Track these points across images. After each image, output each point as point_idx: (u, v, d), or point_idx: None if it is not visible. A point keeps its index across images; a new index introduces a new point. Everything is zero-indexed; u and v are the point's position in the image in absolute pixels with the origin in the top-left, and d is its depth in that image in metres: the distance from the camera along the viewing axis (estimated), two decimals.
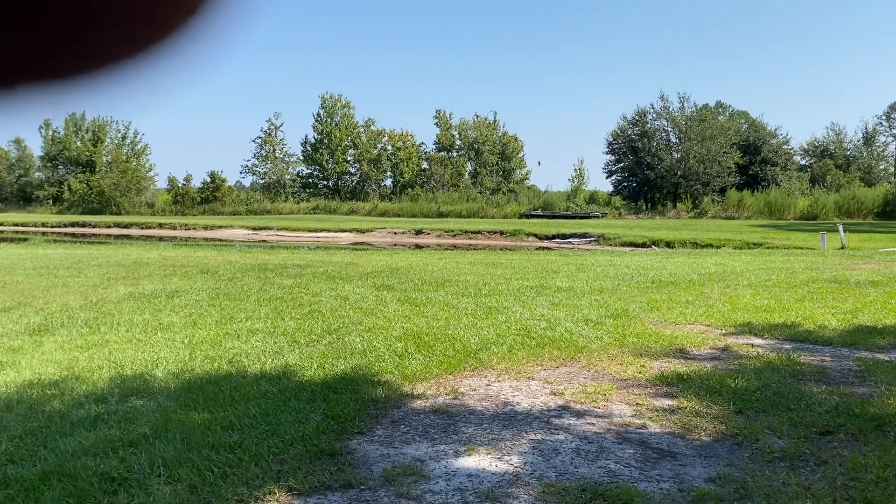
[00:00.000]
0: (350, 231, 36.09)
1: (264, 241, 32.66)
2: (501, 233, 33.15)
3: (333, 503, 3.19)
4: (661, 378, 5.36)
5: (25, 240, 30.60)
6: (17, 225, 42.40)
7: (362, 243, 30.87)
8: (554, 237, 31.56)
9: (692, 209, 48.91)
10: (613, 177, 55.69)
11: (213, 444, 3.79)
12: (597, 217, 46.82)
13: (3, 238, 32.35)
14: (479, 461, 3.74)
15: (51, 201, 55.18)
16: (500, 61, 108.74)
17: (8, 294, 9.67)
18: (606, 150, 55.74)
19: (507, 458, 3.79)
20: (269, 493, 3.24)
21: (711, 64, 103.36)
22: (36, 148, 59.28)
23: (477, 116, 60.81)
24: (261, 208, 53.06)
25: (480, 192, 54.55)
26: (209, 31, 0.61)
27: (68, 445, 3.80)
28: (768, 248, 23.34)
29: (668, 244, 26.53)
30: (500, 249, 24.64)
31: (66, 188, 53.97)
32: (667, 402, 4.80)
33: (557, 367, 5.74)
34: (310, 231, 36.37)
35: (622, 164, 54.36)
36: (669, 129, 53.77)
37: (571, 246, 28.32)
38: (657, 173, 51.33)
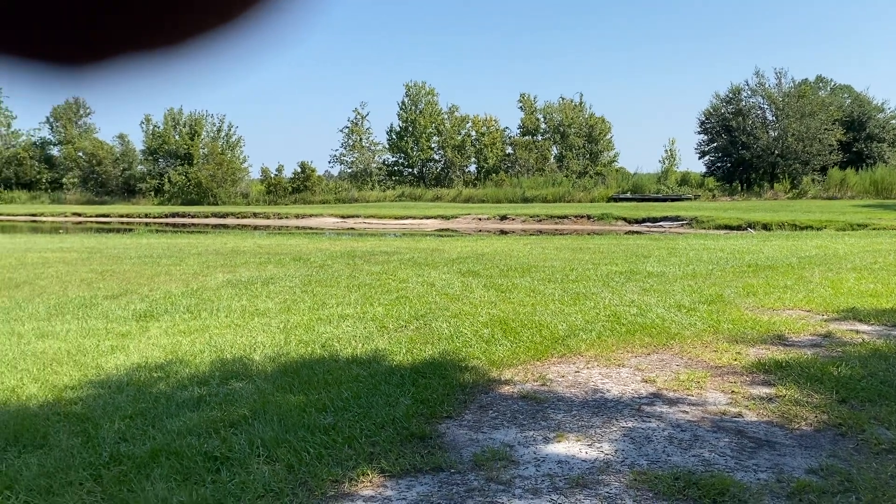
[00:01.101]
0: (435, 218, 36.36)
1: (352, 228, 33.36)
2: (588, 217, 32.65)
3: (424, 486, 3.25)
4: (758, 365, 5.18)
5: (130, 230, 32.34)
6: (122, 216, 44.81)
7: (447, 230, 31.06)
8: (644, 221, 30.82)
9: (791, 190, 46.72)
10: (706, 157, 53.82)
11: (309, 426, 3.92)
12: (689, 199, 45.40)
13: (111, 228, 34.30)
14: (568, 448, 3.72)
15: (152, 193, 57.97)
16: (586, 41, 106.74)
17: (116, 282, 10.25)
18: (698, 129, 53.89)
19: (597, 445, 3.75)
20: (363, 475, 3.32)
21: (810, 36, 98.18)
22: (138, 142, 62.38)
23: (562, 99, 59.90)
24: (348, 197, 54.14)
25: (566, 176, 53.80)
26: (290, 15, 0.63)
27: (174, 425, 4.01)
28: (874, 229, 22.08)
29: (765, 226, 25.48)
30: (588, 234, 24.29)
31: (166, 180, 56.58)
32: (764, 391, 4.64)
33: (649, 354, 5.63)
34: (395, 218, 36.85)
35: (715, 144, 52.42)
36: (766, 106, 51.42)
37: (662, 229, 27.61)
38: (753, 153, 49.24)
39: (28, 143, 64.86)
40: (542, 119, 59.94)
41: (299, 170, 55.75)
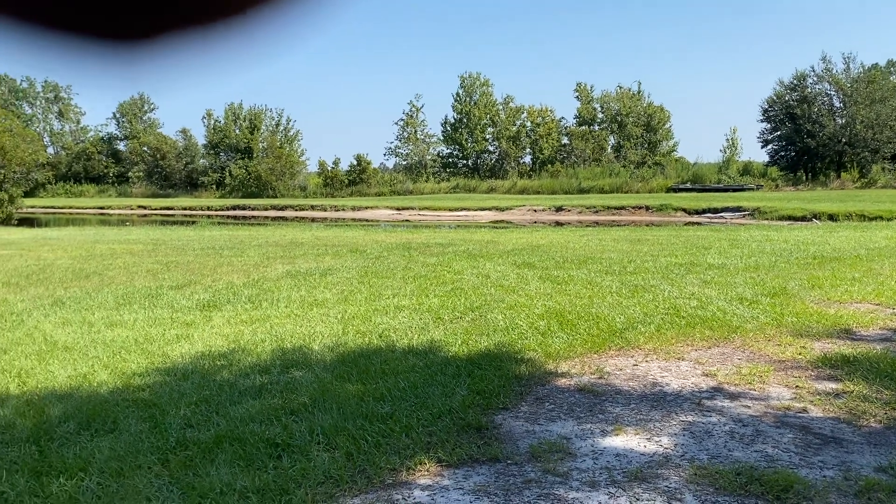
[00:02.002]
0: (489, 209, 36.29)
1: (407, 220, 33.56)
2: (647, 208, 32.09)
3: (481, 476, 3.26)
4: (823, 360, 5.03)
5: (193, 222, 33.22)
6: (185, 209, 46.08)
7: (502, 221, 30.97)
8: (704, 211, 30.15)
9: (859, 179, 45.01)
10: (769, 146, 52.27)
11: (367, 415, 3.97)
12: (751, 189, 44.19)
13: (174, 221, 35.31)
14: (626, 441, 3.68)
15: (214, 186, 59.44)
16: (645, 29, 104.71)
17: (181, 273, 10.56)
18: (761, 117, 52.36)
19: (656, 438, 3.71)
20: (420, 464, 3.36)
21: (881, 18, 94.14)
22: (200, 137, 64.02)
23: (620, 87, 58.96)
24: (403, 189, 54.46)
25: (624, 166, 52.97)
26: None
27: (237, 412, 4.12)
28: None
29: (832, 217, 24.63)
30: (646, 225, 23.89)
31: (227, 174, 57.93)
32: (830, 386, 4.50)
33: (709, 348, 5.53)
34: (450, 210, 36.92)
35: (779, 133, 50.84)
36: (832, 92, 49.61)
37: (723, 220, 26.97)
38: (818, 141, 47.59)
39: (96, 139, 67.24)
40: (600, 108, 59.13)
41: (355, 162, 56.38)
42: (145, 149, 62.39)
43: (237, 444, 3.61)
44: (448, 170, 62.21)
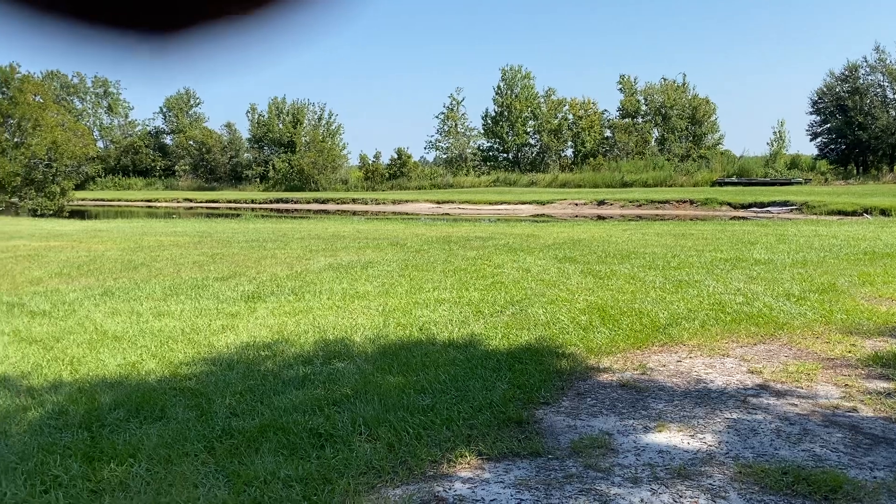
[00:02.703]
0: (530, 203, 36.10)
1: (447, 214, 33.59)
2: (691, 202, 31.59)
3: (522, 470, 3.26)
4: (874, 358, 4.90)
5: (238, 215, 33.76)
6: (230, 202, 46.84)
7: (542, 215, 30.80)
8: (750, 206, 29.55)
9: None
10: (818, 139, 50.94)
11: (408, 407, 4.00)
12: (799, 183, 43.11)
13: (219, 214, 35.92)
14: (669, 438, 3.64)
15: (258, 179, 60.27)
16: (689, 19, 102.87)
17: (226, 264, 10.75)
18: (811, 109, 51.06)
19: (699, 436, 3.66)
20: (461, 457, 3.37)
21: None
22: (244, 131, 64.93)
23: (664, 79, 58.03)
24: (443, 182, 54.50)
25: (668, 160, 52.17)
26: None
27: (281, 402, 4.18)
28: None
29: (884, 212, 23.93)
30: (690, 220, 23.52)
31: (270, 167, 58.66)
32: (881, 385, 4.38)
33: (755, 345, 5.43)
34: (490, 204, 36.83)
35: (829, 125, 49.50)
36: (886, 83, 48.09)
37: (770, 215, 26.41)
38: (871, 134, 46.20)
39: (144, 133, 68.71)
40: (643, 101, 58.30)
41: (396, 156, 56.62)
42: (191, 143, 63.55)
43: (281, 433, 3.66)
44: (488, 163, 62.03)
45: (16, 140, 30.07)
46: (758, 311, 6.40)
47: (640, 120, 57.90)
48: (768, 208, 28.65)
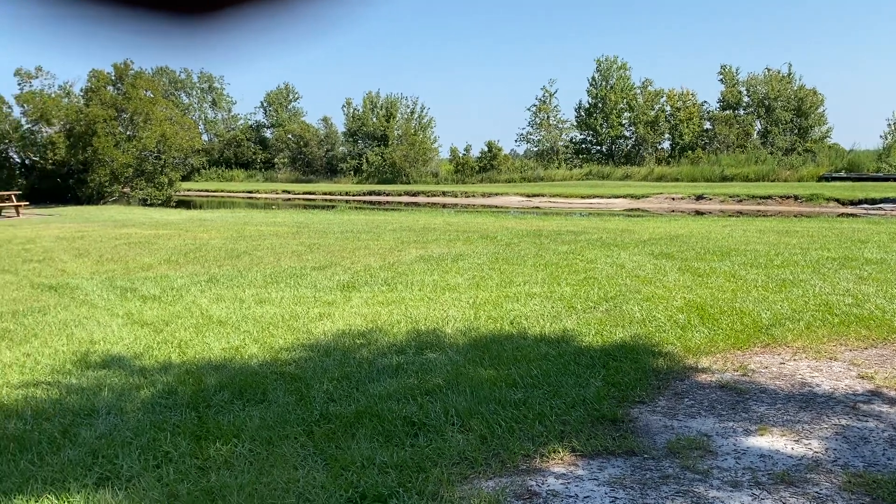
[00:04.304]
0: (624, 197, 35.32)
1: (537, 207, 33.31)
2: (795, 198, 30.12)
3: (616, 468, 3.21)
4: None
5: (333, 207, 34.61)
6: (325, 194, 48.04)
7: (637, 210, 30.08)
8: (861, 202, 27.90)
9: None
10: None
11: (500, 400, 4.01)
12: None
13: (316, 206, 36.93)
14: (772, 442, 3.50)
15: (352, 172, 61.54)
16: (795, 6, 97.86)
17: (322, 254, 11.06)
18: None
19: (804, 441, 3.50)
20: (553, 452, 3.35)
21: None
22: (340, 125, 66.43)
23: (768, 70, 55.45)
24: (534, 175, 54.05)
25: (771, 153, 49.88)
26: None
27: (376, 390, 4.28)
28: None
29: None
30: (794, 216, 22.45)
31: (364, 160, 59.82)
32: None
33: (866, 349, 5.14)
34: (582, 198, 36.26)
35: None
36: None
37: (883, 212, 24.87)
38: None
39: (245, 126, 71.37)
40: (745, 92, 55.97)
41: (486, 149, 56.55)
42: (290, 136, 65.55)
43: (376, 420, 3.75)
44: (581, 156, 61.08)
45: (128, 133, 31.83)
46: (869, 314, 6.05)
47: (741, 112, 55.62)
48: (881, 205, 26.97)
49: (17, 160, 32.22)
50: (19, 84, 31.24)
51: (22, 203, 24.09)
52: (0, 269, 10.12)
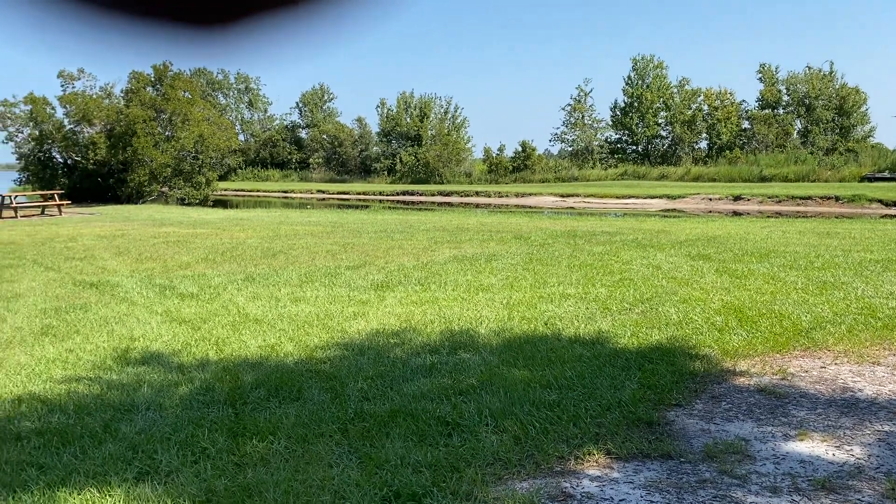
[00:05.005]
0: (660, 197, 34.91)
1: (571, 207, 33.09)
2: (837, 198, 29.48)
3: (652, 472, 3.18)
4: None
5: (367, 206, 34.81)
6: (359, 193, 48.32)
7: (673, 210, 29.72)
8: None
9: None
10: None
11: (534, 401, 3.99)
12: None
13: (349, 205, 37.19)
14: (812, 448, 3.43)
15: (385, 172, 61.80)
16: (838, 2, 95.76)
17: (356, 254, 11.13)
18: None
19: (846, 447, 3.43)
20: (588, 454, 3.33)
21: None
22: (374, 125, 66.76)
23: (809, 68, 54.34)
24: (568, 175, 53.69)
25: (811, 153, 48.88)
26: None
27: (409, 389, 4.29)
28: None
29: None
30: (836, 217, 21.98)
31: (397, 160, 60.04)
32: None
33: None
34: (617, 198, 35.93)
35: None
36: None
37: None
38: None
39: (281, 127, 72.15)
40: (785, 91, 54.95)
41: (520, 149, 56.34)
42: (324, 136, 66.08)
43: (410, 419, 3.76)
44: (616, 156, 60.52)
45: (167, 133, 32.36)
46: None
47: (780, 111, 54.62)
48: None
49: (60, 160, 32.95)
50: (62, 86, 31.96)
51: (64, 202, 24.66)
52: (44, 267, 10.37)
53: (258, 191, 52.56)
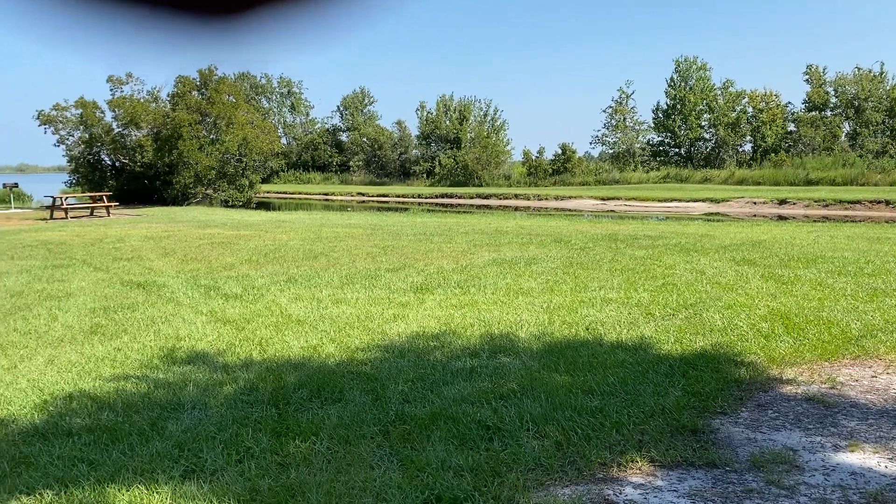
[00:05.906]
0: (703, 201, 34.36)
1: (612, 210, 32.77)
2: (887, 203, 28.67)
3: (697, 480, 3.13)
4: None
5: (406, 209, 34.96)
6: (398, 196, 48.56)
7: (717, 214, 29.22)
8: None
9: None
10: None
11: (575, 407, 3.96)
12: None
13: (389, 207, 37.39)
14: (863, 459, 3.34)
15: (424, 175, 62.02)
16: (886, 1, 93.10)
17: (396, 256, 11.18)
18: None
19: None
20: (631, 461, 3.29)
21: None
22: (413, 128, 67.05)
23: (858, 69, 53.00)
24: (609, 178, 53.20)
25: (860, 156, 47.62)
26: None
27: (450, 392, 4.29)
28: None
29: None
30: (886, 222, 21.38)
31: (436, 163, 60.20)
32: None
33: None
34: (659, 201, 35.47)
35: None
36: None
37: None
38: None
39: (322, 130, 72.91)
40: (833, 92, 53.65)
41: (559, 151, 56.01)
42: (365, 140, 66.59)
43: (451, 422, 3.76)
44: (658, 158, 59.76)
45: (212, 137, 32.95)
46: None
47: (828, 113, 53.34)
48: None
49: (109, 162, 33.79)
50: (111, 90, 32.76)
51: (112, 203, 25.27)
52: (93, 267, 10.64)
53: (300, 193, 53.17)
